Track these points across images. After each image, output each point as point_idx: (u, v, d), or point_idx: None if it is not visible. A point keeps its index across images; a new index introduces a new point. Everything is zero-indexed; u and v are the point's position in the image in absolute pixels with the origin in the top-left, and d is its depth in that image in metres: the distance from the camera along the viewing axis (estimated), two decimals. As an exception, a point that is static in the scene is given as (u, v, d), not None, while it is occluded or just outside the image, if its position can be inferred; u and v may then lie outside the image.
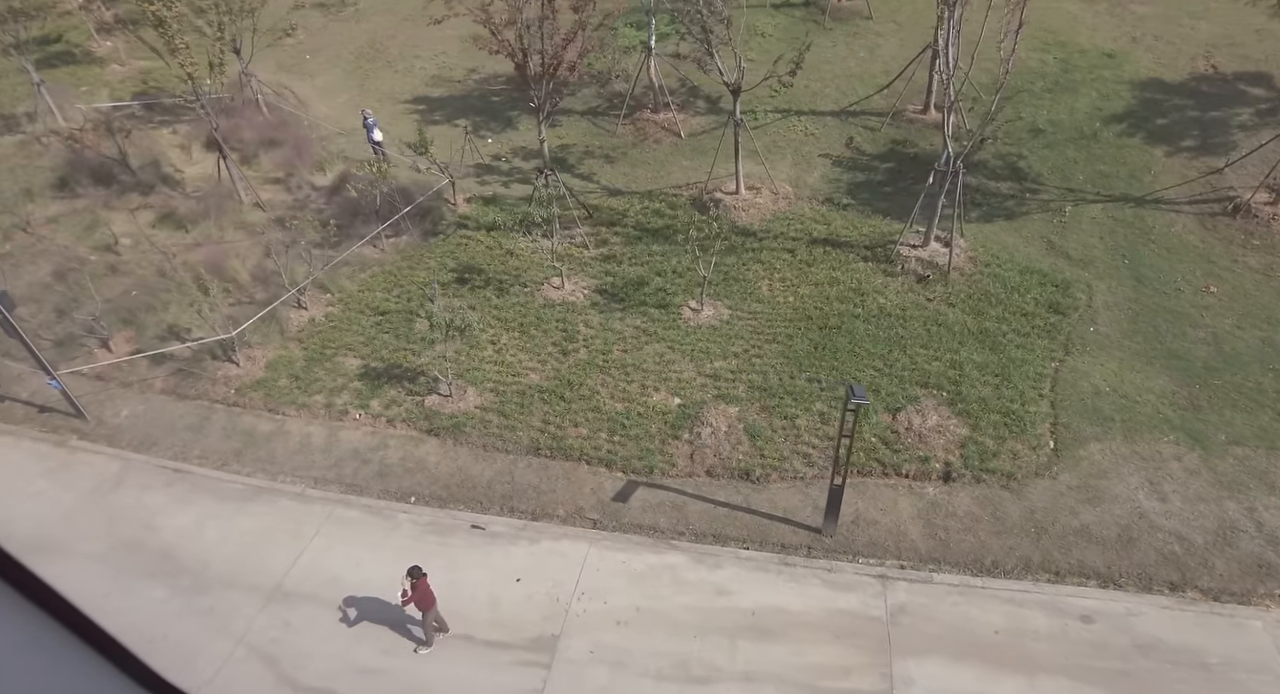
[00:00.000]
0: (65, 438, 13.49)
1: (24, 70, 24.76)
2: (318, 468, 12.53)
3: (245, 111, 22.60)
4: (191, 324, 15.45)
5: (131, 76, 26.16)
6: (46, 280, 16.61)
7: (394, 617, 10.20)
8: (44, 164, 21.02)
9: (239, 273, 16.39)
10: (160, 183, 19.95)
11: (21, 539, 11.49)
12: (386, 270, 16.60)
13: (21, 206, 18.78)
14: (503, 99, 23.25)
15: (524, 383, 13.59)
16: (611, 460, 12.14)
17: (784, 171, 18.57)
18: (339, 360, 14.33)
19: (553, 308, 15.17)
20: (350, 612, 10.36)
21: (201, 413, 13.71)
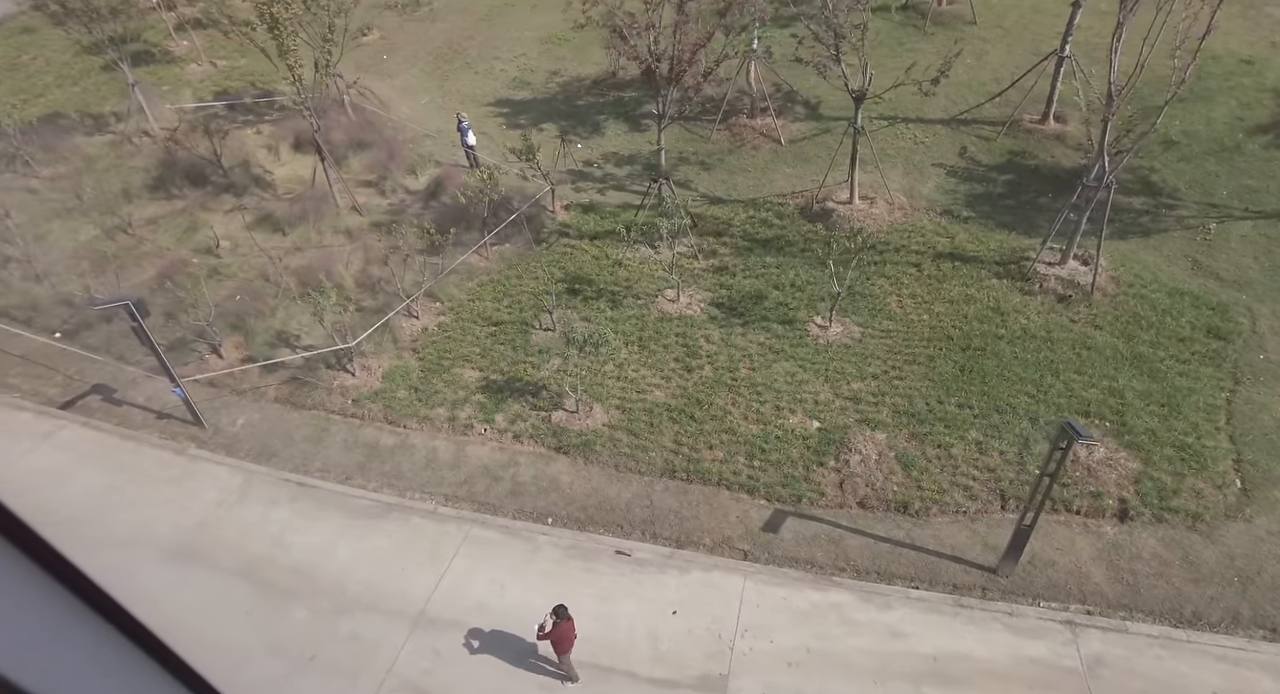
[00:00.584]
0: (184, 446, 13.24)
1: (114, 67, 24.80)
2: (448, 484, 12.12)
3: (332, 112, 22.41)
4: (300, 331, 15.16)
5: (210, 76, 26.16)
6: (151, 283, 16.43)
7: (548, 648, 9.73)
8: (137, 164, 20.96)
9: (344, 279, 16.07)
10: (253, 184, 19.77)
11: (163, 547, 11.22)
12: (494, 279, 16.19)
13: (121, 207, 18.68)
14: (588, 103, 22.82)
15: (650, 400, 13.08)
16: (753, 487, 11.58)
17: (896, 181, 17.89)
18: (456, 372, 13.93)
19: (670, 322, 14.65)
20: (500, 642, 9.90)
21: (319, 424, 13.38)
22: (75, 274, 16.68)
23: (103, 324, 15.67)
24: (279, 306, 15.58)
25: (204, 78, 25.94)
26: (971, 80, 20.39)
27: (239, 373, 14.29)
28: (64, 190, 20.09)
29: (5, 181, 20.08)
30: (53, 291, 16.45)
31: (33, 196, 19.75)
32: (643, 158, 20.44)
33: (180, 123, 22.30)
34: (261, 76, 25.58)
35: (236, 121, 22.95)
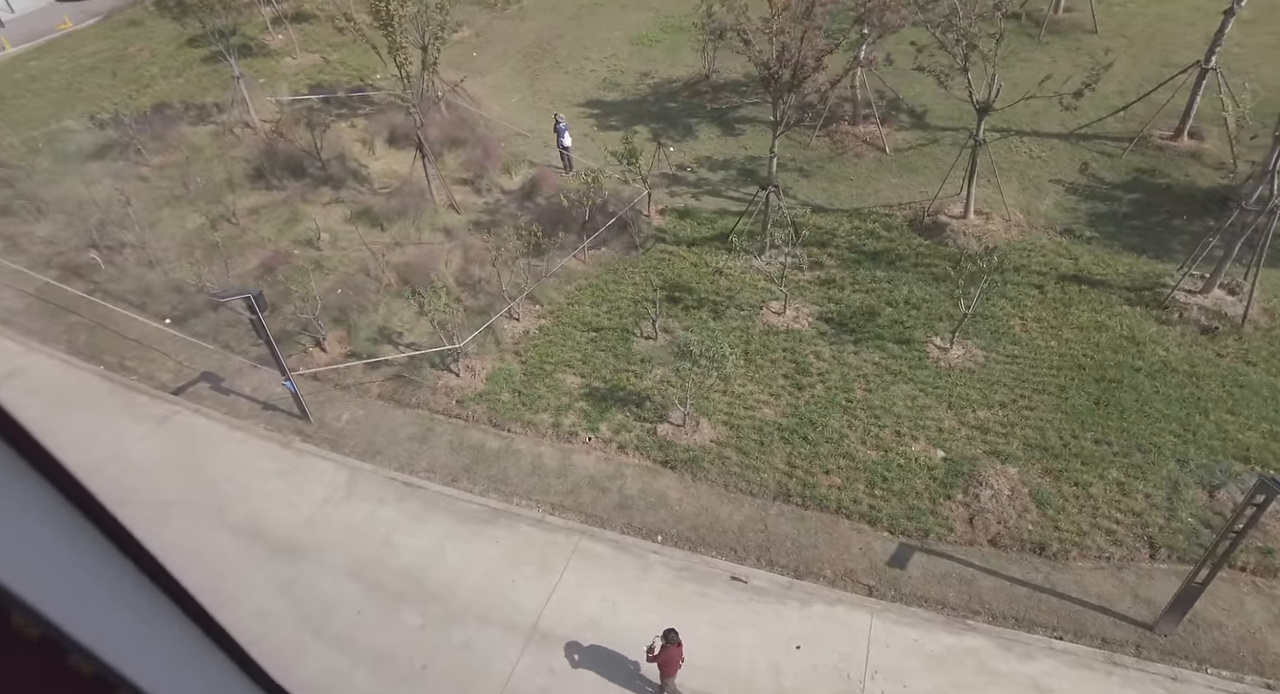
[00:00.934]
0: (289, 438, 13.35)
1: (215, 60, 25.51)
2: (554, 493, 11.90)
3: (427, 109, 22.56)
4: (402, 328, 15.19)
5: (305, 69, 26.69)
6: (256, 273, 16.71)
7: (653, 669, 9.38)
8: (238, 155, 21.46)
9: (445, 277, 16.05)
10: (350, 178, 20.00)
11: (274, 541, 11.29)
12: (592, 283, 15.96)
13: (225, 197, 19.10)
14: (679, 105, 22.45)
15: (759, 418, 12.63)
16: (875, 517, 11.02)
17: (1011, 197, 17.01)
18: (559, 377, 13.72)
19: (776, 335, 14.16)
20: (613, 662, 9.60)
21: (423, 423, 13.33)
22: (185, 261, 17.09)
23: (210, 312, 16.00)
24: (381, 302, 15.65)
25: (298, 71, 26.50)
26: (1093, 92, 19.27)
27: (343, 368, 14.37)
28: (171, 178, 20.70)
29: (120, 169, 20.80)
30: (164, 278, 16.90)
31: (144, 184, 20.40)
32: (737, 163, 19.98)
33: (280, 115, 22.77)
34: (353, 71, 26.00)
35: (330, 115, 23.31)
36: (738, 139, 20.76)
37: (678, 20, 25.65)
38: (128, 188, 19.11)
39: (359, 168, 20.48)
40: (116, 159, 21.33)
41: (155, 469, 12.75)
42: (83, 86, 27.60)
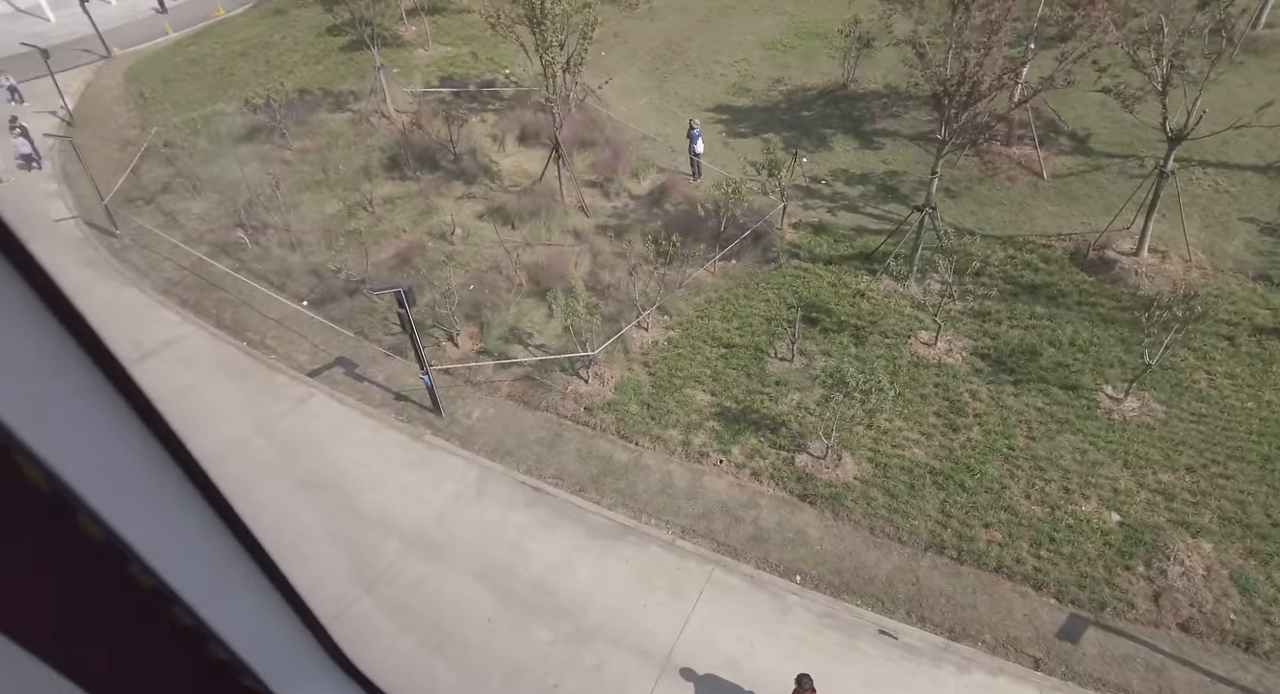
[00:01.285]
0: (420, 431, 13.47)
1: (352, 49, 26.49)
2: (684, 515, 11.48)
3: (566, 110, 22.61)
4: (533, 329, 15.14)
5: (436, 61, 27.35)
6: (391, 262, 17.06)
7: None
8: (373, 143, 22.12)
9: (574, 281, 15.91)
10: (482, 173, 20.23)
11: (406, 535, 11.36)
12: (722, 297, 15.46)
13: (362, 184, 19.66)
14: (814, 114, 21.63)
15: (908, 457, 11.80)
16: (1041, 581, 10.04)
17: (1192, 234, 15.40)
18: (688, 393, 13.29)
19: (927, 369, 13.26)
20: (752, 708, 9.09)
21: (552, 427, 13.18)
22: (324, 246, 17.66)
23: (346, 298, 16.44)
24: (512, 301, 15.66)
25: (430, 63, 27.19)
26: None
27: (474, 364, 14.43)
28: (311, 163, 21.52)
29: (265, 152, 21.81)
30: (304, 260, 17.50)
31: (286, 167, 21.29)
32: (876, 178, 19.03)
33: (416, 106, 23.34)
34: (483, 65, 26.44)
35: (461, 109, 23.73)
36: (876, 153, 19.79)
37: (814, 26, 24.80)
38: (272, 171, 19.98)
39: (490, 164, 20.70)
40: (263, 142, 22.39)
41: (295, 449, 13.12)
42: (233, 71, 29.28)
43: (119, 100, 28.30)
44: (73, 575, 0.62)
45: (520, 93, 23.95)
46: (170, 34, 34.88)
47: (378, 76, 22.54)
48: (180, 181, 20.89)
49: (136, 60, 31.87)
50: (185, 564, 0.73)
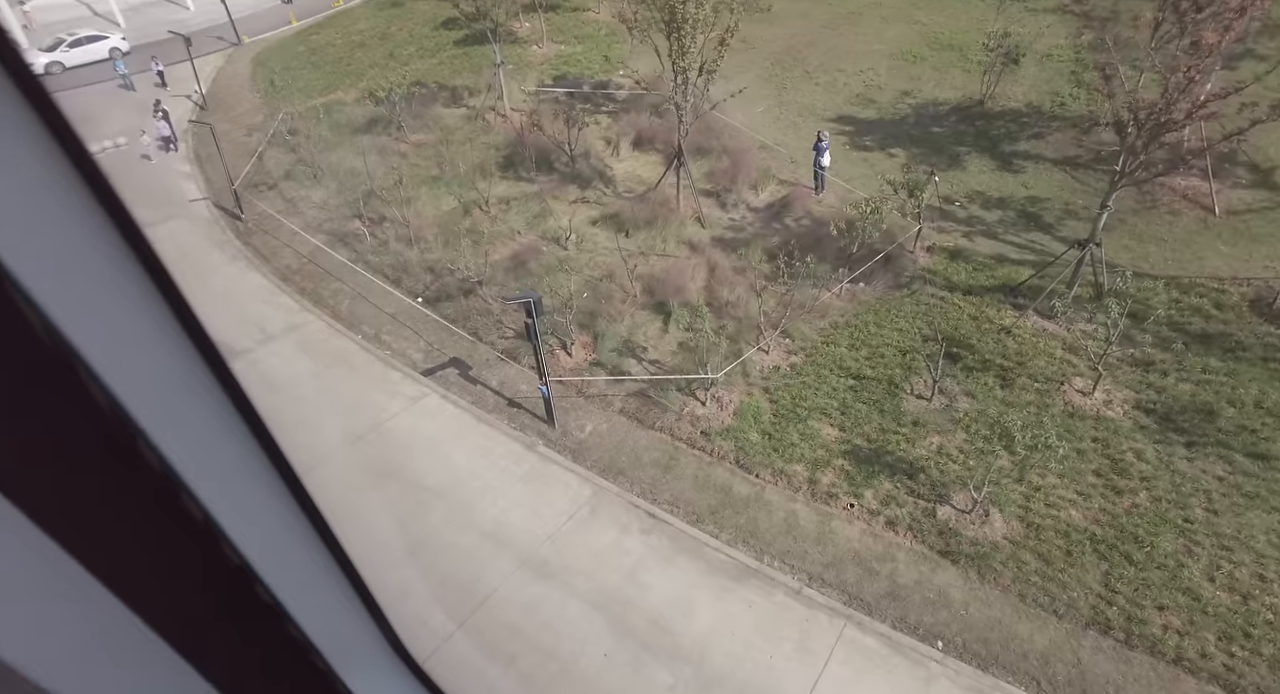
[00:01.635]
0: (533, 441, 13.22)
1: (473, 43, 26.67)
2: (811, 562, 10.76)
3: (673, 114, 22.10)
4: (647, 343, 14.68)
5: (549, 59, 27.31)
6: (506, 264, 16.92)
7: None
8: (489, 141, 22.17)
9: (691, 295, 15.36)
10: (597, 178, 19.93)
11: (518, 550, 11.09)
12: (849, 322, 14.58)
13: (477, 182, 19.66)
14: (946, 131, 20.34)
15: (1064, 520, 10.70)
16: (1235, 685, 8.84)
17: (1403, 288, 13.53)
18: (813, 425, 12.53)
19: (1083, 420, 12.06)
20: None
21: (667, 450, 12.68)
22: (439, 243, 17.71)
23: (461, 297, 16.40)
24: (627, 313, 15.24)
25: (543, 61, 27.16)
26: None
27: (586, 375, 14.09)
28: (426, 158, 21.74)
29: (383, 144, 22.17)
30: (420, 256, 17.60)
31: (403, 160, 21.58)
32: (1016, 203, 17.68)
33: (531, 105, 23.29)
34: (597, 65, 26.20)
35: (574, 109, 23.52)
36: (1016, 176, 18.40)
37: (948, 37, 23.38)
38: (390, 164, 20.24)
39: (605, 168, 20.39)
40: (380, 134, 22.79)
41: (410, 449, 13.09)
42: (351, 61, 30.11)
43: (246, 86, 29.56)
44: (178, 553, 0.68)
45: (634, 96, 23.58)
46: (294, 23, 36.29)
47: (498, 74, 22.57)
48: (302, 169, 21.47)
49: (263, 48, 33.27)
50: (267, 547, 0.78)
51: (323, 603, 0.93)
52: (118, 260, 0.58)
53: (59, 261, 0.52)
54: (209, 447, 0.67)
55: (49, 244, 0.52)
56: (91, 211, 0.56)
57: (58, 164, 0.52)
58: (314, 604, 0.90)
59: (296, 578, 0.85)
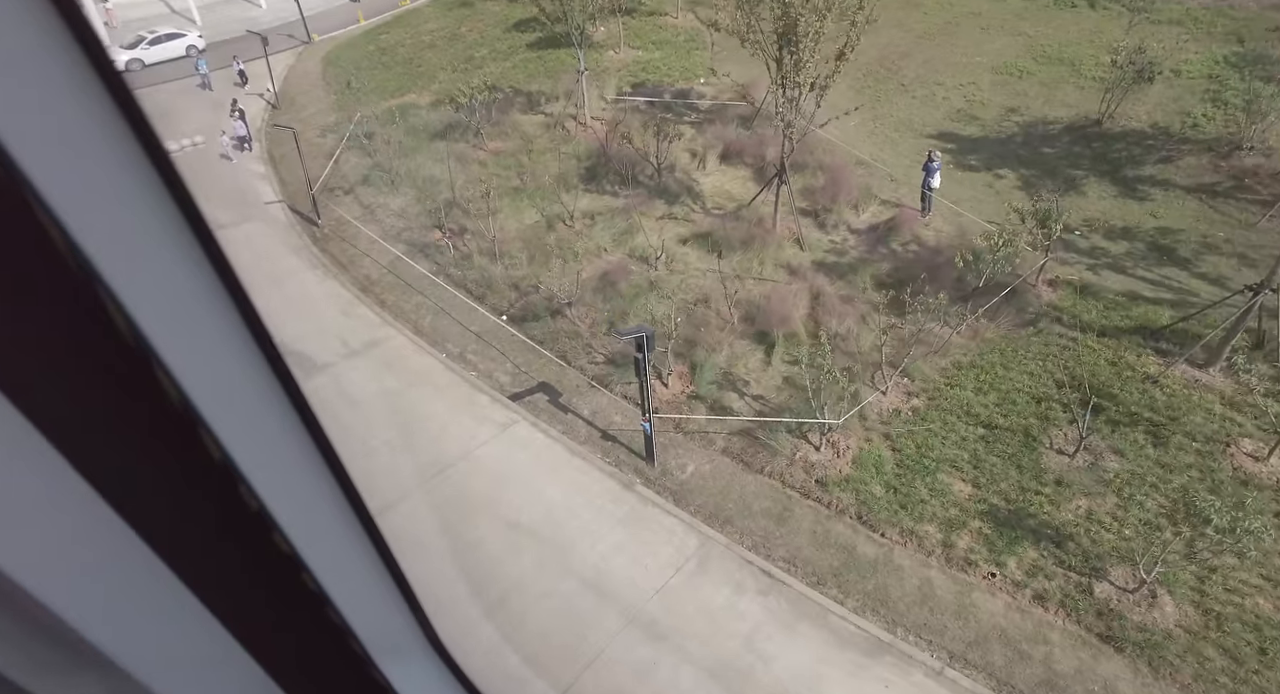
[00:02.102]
0: (630, 479, 12.40)
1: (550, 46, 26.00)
2: (951, 638, 9.71)
3: (762, 125, 21.16)
4: (749, 376, 13.75)
5: (627, 65, 26.53)
6: (593, 284, 16.14)
7: None
8: (569, 151, 21.47)
9: (795, 326, 14.38)
10: (685, 193, 19.06)
11: (626, 607, 10.27)
12: (973, 362, 13.44)
13: (559, 194, 18.95)
14: (1059, 152, 18.96)
15: (1252, 609, 9.46)
16: None
17: None
18: (943, 479, 11.46)
19: (1260, 491, 10.74)
20: None
21: (778, 498, 11.73)
22: (524, 258, 17.03)
23: (549, 317, 15.68)
24: (725, 342, 14.33)
25: (621, 67, 26.39)
26: None
27: (684, 409, 13.22)
28: (506, 167, 21.14)
29: (461, 151, 21.62)
30: (504, 272, 16.93)
31: (482, 169, 21.00)
32: (1143, 234, 16.28)
33: (612, 114, 22.53)
34: (677, 72, 25.34)
35: (655, 119, 22.67)
36: (1143, 204, 16.98)
37: (1057, 50, 21.92)
38: (468, 172, 19.64)
39: (691, 183, 19.50)
40: (457, 140, 22.25)
41: (502, 481, 12.40)
42: (421, 62, 29.78)
43: (317, 85, 29.43)
44: (234, 540, 0.72)
45: (718, 106, 22.66)
46: (362, 22, 36.20)
47: (580, 81, 21.85)
48: (379, 174, 21.04)
49: (333, 46, 33.21)
50: (314, 536, 0.80)
51: (362, 592, 0.94)
52: (194, 263, 0.59)
53: (139, 260, 0.54)
54: (265, 439, 0.69)
55: (132, 243, 0.53)
56: (169, 212, 0.57)
57: (139, 164, 0.54)
58: (354, 593, 0.91)
59: (339, 566, 0.87)
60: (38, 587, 0.54)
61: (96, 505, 0.57)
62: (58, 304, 0.52)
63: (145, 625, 0.67)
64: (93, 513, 0.57)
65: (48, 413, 0.51)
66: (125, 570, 0.62)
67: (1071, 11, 23.38)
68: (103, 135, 0.51)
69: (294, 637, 0.88)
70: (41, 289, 0.51)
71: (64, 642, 0.59)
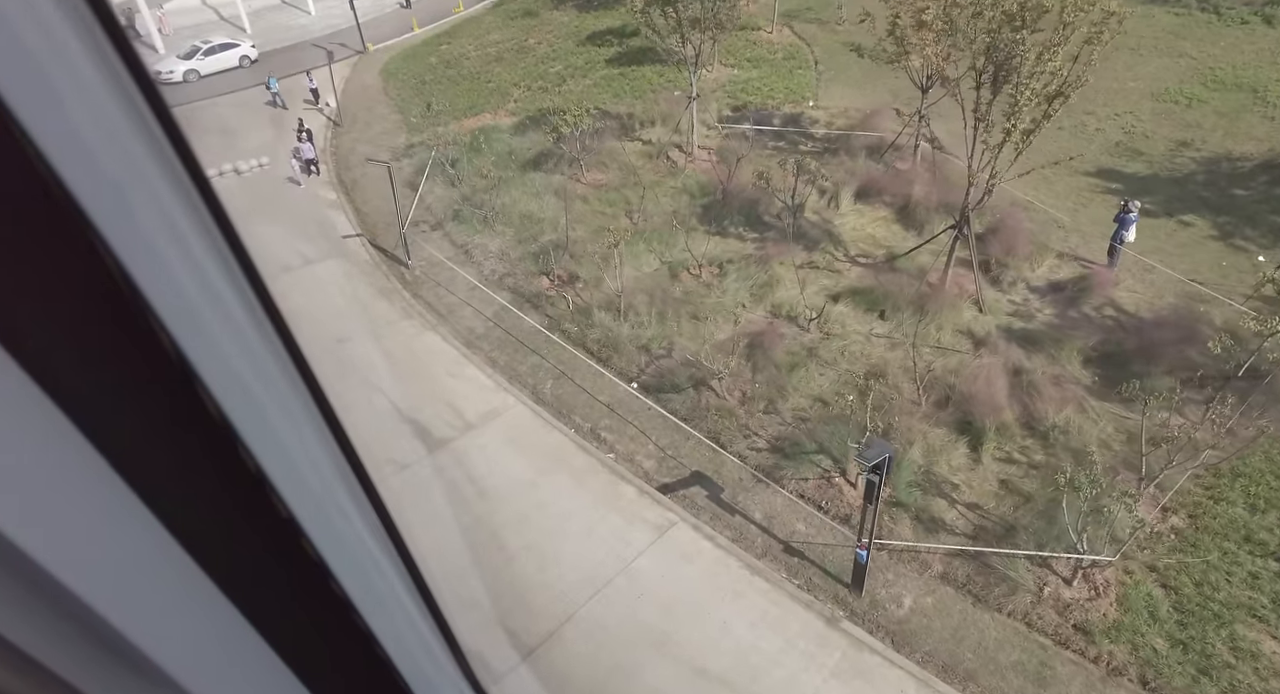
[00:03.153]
0: (833, 612, 10.26)
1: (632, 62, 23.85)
2: None
3: (890, 152, 19.01)
4: (958, 479, 11.56)
5: (723, 85, 24.42)
6: (735, 348, 13.99)
7: None
8: (677, 185, 19.39)
9: (1001, 410, 12.17)
10: (823, 237, 16.89)
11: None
12: (1233, 468, 11.20)
13: (676, 237, 16.82)
14: (1254, 194, 16.65)
15: None
16: None
17: None
18: (1241, 632, 9.23)
19: None
20: None
21: (1029, 649, 9.54)
22: (649, 313, 14.92)
23: (689, 389, 13.57)
24: (918, 430, 12.15)
25: (715, 87, 24.27)
26: None
27: (885, 519, 11.05)
28: (611, 203, 19.08)
29: (558, 183, 19.56)
30: (630, 330, 14.83)
31: (585, 206, 18.95)
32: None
33: (722, 142, 20.41)
34: (780, 94, 23.21)
35: (765, 149, 20.56)
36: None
37: (1231, 74, 19.59)
38: (570, 207, 17.58)
39: (825, 224, 17.34)
40: (552, 169, 20.21)
41: (673, 608, 10.30)
42: (490, 77, 27.75)
43: (379, 100, 27.52)
44: (267, 542, 0.73)
45: (836, 135, 20.49)
46: (417, 30, 34.25)
47: (690, 106, 19.75)
48: (469, 209, 19.01)
49: (389, 57, 31.27)
50: (342, 544, 0.80)
51: (390, 603, 0.92)
52: (241, 296, 0.63)
53: (182, 280, 0.56)
54: (295, 446, 0.70)
55: (180, 270, 0.56)
56: (214, 236, 0.60)
57: (184, 187, 0.57)
58: (381, 602, 0.89)
59: (369, 579, 0.86)
60: (70, 578, 0.56)
61: (143, 513, 0.60)
62: (105, 322, 0.54)
63: (176, 621, 0.68)
64: (143, 522, 0.61)
65: (103, 432, 0.55)
66: (153, 564, 0.64)
67: (1242, 29, 20.98)
68: (154, 165, 0.53)
69: (321, 640, 0.87)
70: (90, 302, 0.53)
71: (101, 638, 0.61)
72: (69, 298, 0.51)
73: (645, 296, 15.39)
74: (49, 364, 0.50)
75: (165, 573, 0.64)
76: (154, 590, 0.64)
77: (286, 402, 0.68)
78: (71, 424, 0.52)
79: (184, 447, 0.62)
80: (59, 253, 0.50)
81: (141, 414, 0.59)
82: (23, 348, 0.48)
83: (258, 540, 0.71)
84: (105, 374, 0.55)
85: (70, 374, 0.52)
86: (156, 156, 0.53)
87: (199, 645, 0.70)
